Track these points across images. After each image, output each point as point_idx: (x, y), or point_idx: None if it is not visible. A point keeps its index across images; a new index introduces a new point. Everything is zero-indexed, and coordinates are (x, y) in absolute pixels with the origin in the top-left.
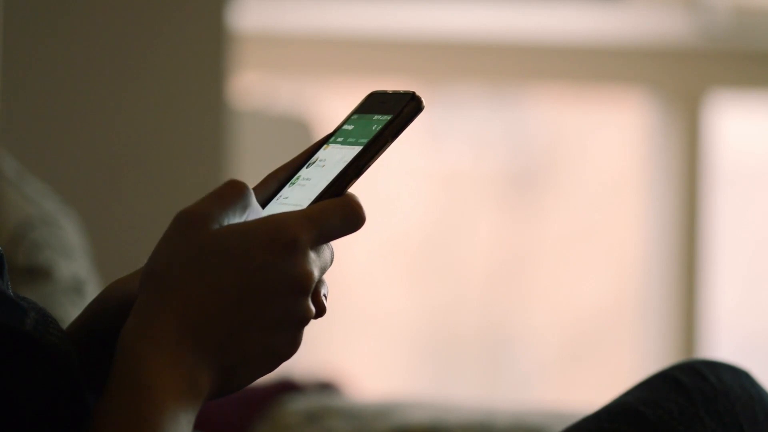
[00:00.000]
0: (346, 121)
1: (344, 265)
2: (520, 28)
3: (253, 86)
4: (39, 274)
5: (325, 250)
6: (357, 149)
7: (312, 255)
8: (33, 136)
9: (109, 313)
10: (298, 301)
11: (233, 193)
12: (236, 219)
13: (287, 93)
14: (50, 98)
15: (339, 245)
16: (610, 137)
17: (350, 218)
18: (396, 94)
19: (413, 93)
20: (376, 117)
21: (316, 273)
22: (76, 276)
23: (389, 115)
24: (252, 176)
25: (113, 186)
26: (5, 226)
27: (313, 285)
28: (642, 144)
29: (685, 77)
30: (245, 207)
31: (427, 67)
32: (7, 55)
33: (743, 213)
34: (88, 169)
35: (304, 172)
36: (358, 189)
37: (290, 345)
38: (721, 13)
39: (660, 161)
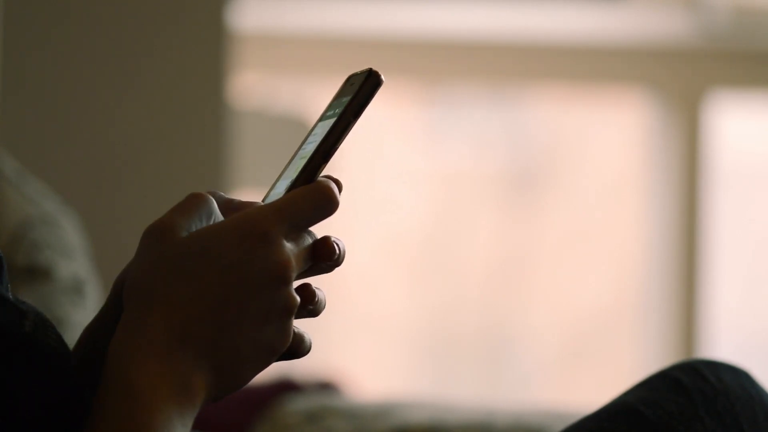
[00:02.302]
0: (328, 107)
1: (344, 265)
2: (520, 28)
3: (253, 86)
4: (39, 274)
5: (305, 238)
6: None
7: (287, 244)
8: (33, 136)
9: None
10: (279, 291)
11: (195, 203)
12: (202, 226)
13: (287, 93)
14: (50, 98)
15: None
16: (610, 137)
17: (321, 204)
18: (360, 74)
19: (370, 69)
20: (344, 99)
21: (293, 261)
22: (76, 276)
23: (351, 95)
24: (252, 176)
25: (113, 186)
26: (5, 226)
27: (293, 273)
28: (642, 144)
29: (685, 77)
30: (210, 214)
31: (427, 67)
32: (7, 55)
33: (743, 213)
34: (88, 169)
35: (290, 163)
36: (357, 188)
37: (281, 336)
38: (721, 13)
39: (660, 161)
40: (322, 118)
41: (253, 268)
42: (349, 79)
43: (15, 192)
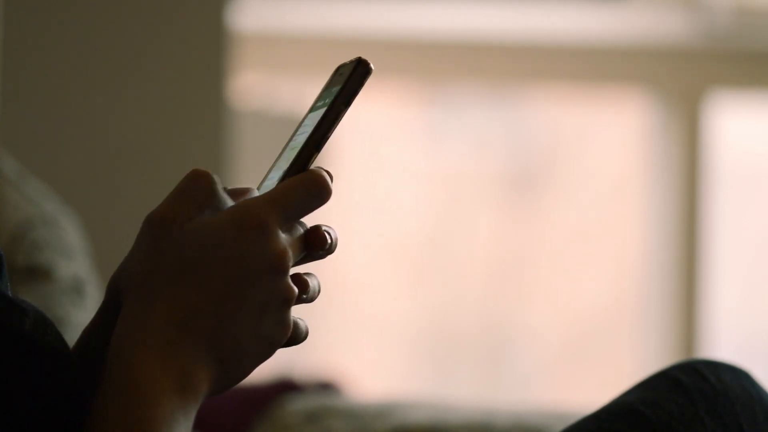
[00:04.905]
0: (318, 98)
1: (344, 266)
2: (520, 28)
3: (253, 86)
4: (39, 274)
5: (298, 229)
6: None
7: (282, 235)
8: (33, 136)
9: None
10: (277, 281)
11: (196, 186)
12: (207, 209)
13: (287, 93)
14: (50, 98)
15: (339, 246)
16: (610, 137)
17: (314, 192)
18: (349, 63)
19: (359, 58)
20: (333, 89)
21: (290, 251)
22: (76, 276)
23: (341, 84)
24: (252, 176)
25: (113, 186)
26: (5, 226)
27: (289, 263)
28: (642, 144)
29: (685, 77)
30: (213, 195)
31: (427, 67)
32: (7, 55)
33: (743, 213)
34: (88, 169)
35: (282, 154)
36: (357, 188)
37: (280, 327)
38: (721, 13)
39: (660, 161)
40: (313, 108)
41: (251, 259)
42: (338, 70)
43: (15, 192)
